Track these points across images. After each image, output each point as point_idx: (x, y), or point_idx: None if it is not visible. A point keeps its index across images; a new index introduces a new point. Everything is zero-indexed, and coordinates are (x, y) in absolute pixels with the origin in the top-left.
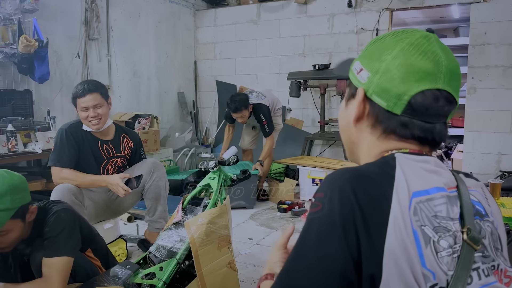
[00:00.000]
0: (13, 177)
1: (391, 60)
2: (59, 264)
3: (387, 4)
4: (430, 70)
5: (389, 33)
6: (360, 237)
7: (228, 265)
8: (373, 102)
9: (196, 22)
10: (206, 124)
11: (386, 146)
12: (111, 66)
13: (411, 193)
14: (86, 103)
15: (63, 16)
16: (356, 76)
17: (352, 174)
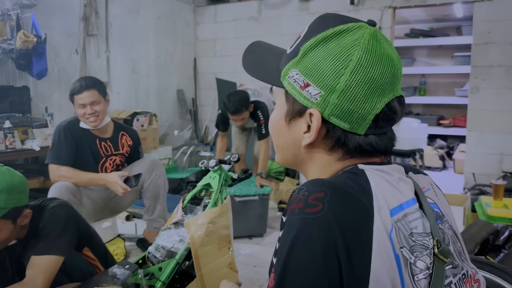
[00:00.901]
0: (13, 177)
1: (350, 75)
2: (46, 263)
3: (390, 2)
4: (389, 80)
5: (328, 34)
6: (342, 267)
7: (229, 265)
8: (330, 124)
9: (196, 19)
10: (206, 122)
11: (347, 164)
12: (110, 62)
13: (389, 211)
14: (83, 100)
15: (62, 11)
16: (301, 92)
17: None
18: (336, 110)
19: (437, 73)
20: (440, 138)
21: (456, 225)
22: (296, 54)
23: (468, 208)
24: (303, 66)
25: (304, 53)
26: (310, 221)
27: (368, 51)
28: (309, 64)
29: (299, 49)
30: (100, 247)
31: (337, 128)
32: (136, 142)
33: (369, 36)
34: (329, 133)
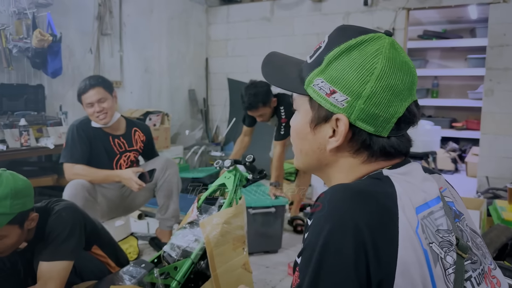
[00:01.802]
0: (17, 181)
1: (375, 82)
2: (57, 269)
3: (404, 3)
4: (409, 85)
5: (352, 44)
6: (370, 265)
7: (243, 266)
8: (356, 128)
9: (208, 19)
10: (217, 122)
11: (372, 168)
12: (123, 62)
13: (415, 209)
14: (90, 99)
15: (77, 11)
16: (327, 99)
17: (353, 193)
18: (362, 114)
19: (450, 75)
20: (452, 141)
21: (473, 223)
22: (320, 63)
23: (484, 212)
24: (329, 75)
25: (328, 62)
26: (336, 223)
27: (389, 59)
28: (334, 73)
29: (323, 58)
30: (109, 243)
31: (362, 131)
32: (149, 137)
33: (389, 46)
34: (354, 137)
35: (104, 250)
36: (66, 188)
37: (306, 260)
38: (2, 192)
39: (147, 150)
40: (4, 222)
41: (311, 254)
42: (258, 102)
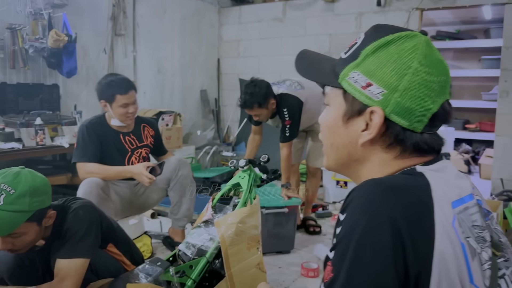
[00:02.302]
0: (35, 179)
1: (412, 76)
2: (74, 266)
3: (418, 3)
4: (443, 83)
5: (389, 39)
6: (407, 257)
7: (257, 266)
8: (390, 121)
9: (220, 20)
10: (228, 122)
11: (405, 164)
12: (137, 62)
13: (450, 203)
14: (129, 99)
15: (91, 11)
16: (362, 91)
17: (386, 187)
18: (397, 108)
19: (463, 76)
20: (465, 143)
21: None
22: (356, 57)
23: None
24: (365, 68)
25: (365, 56)
26: (371, 217)
27: (426, 56)
28: (371, 66)
29: (359, 52)
30: (125, 241)
31: (396, 125)
32: (157, 132)
33: (425, 43)
34: (388, 130)
35: (119, 248)
36: (80, 186)
37: (341, 254)
38: (21, 189)
39: (156, 145)
40: (23, 220)
41: (346, 248)
42: (253, 102)
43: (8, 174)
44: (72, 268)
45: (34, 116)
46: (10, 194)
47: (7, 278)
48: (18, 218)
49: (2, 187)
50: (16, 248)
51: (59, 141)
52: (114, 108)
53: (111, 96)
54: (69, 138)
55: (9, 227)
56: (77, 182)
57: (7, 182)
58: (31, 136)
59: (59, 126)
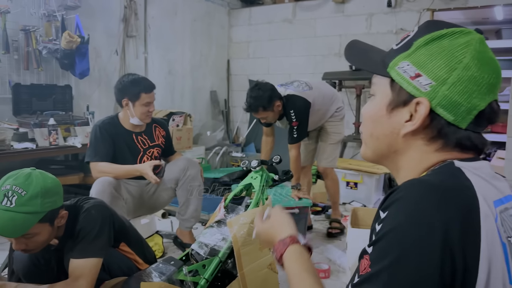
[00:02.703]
0: (46, 180)
1: (462, 70)
2: (88, 266)
3: (429, 4)
4: (494, 81)
5: (442, 33)
6: (456, 261)
7: (269, 266)
8: (435, 114)
9: (230, 21)
10: (237, 123)
11: (444, 157)
12: (148, 63)
13: (493, 202)
14: (151, 98)
15: (103, 13)
16: (410, 81)
17: (431, 188)
18: (444, 101)
19: None
20: None
21: None
22: (408, 48)
23: None
24: (416, 59)
25: (417, 47)
26: (416, 220)
27: (478, 52)
28: (422, 57)
29: (412, 43)
30: (137, 240)
31: (441, 119)
32: (168, 132)
33: (479, 41)
34: (432, 123)
35: (131, 247)
36: (93, 185)
37: (382, 252)
38: (32, 191)
39: (166, 146)
40: (35, 221)
41: (388, 248)
42: (258, 106)
43: (20, 176)
44: (86, 268)
45: (47, 117)
46: (22, 196)
47: (22, 276)
48: (31, 219)
49: (14, 189)
50: (30, 248)
51: (72, 141)
52: (136, 106)
53: (137, 94)
54: (81, 138)
55: (21, 229)
56: (90, 181)
57: (19, 184)
58: (44, 136)
59: (71, 127)
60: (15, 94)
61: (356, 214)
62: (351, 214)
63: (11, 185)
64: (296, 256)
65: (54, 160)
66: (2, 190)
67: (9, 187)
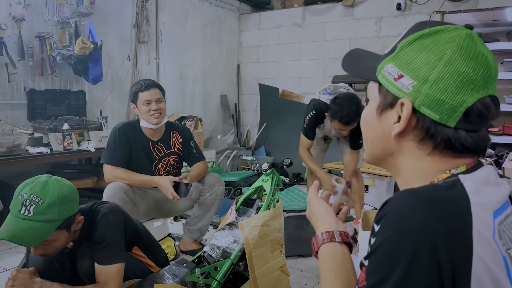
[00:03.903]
0: (62, 187)
1: (443, 67)
2: (115, 271)
3: (438, 6)
4: (483, 77)
5: (425, 32)
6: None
7: (281, 268)
8: (420, 114)
9: (240, 26)
10: (248, 127)
11: (441, 164)
12: (159, 69)
13: (492, 214)
14: (150, 96)
15: (116, 19)
16: (394, 83)
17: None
18: (427, 100)
19: None
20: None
21: None
22: (394, 51)
23: None
24: (399, 60)
25: (400, 48)
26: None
27: (463, 48)
28: (404, 58)
29: (397, 45)
30: (150, 244)
31: (426, 118)
32: (186, 137)
33: (465, 36)
34: (418, 123)
35: (144, 251)
36: (105, 190)
37: (374, 266)
38: (49, 200)
39: (185, 152)
40: (53, 228)
41: (379, 262)
42: (358, 117)
43: (36, 185)
44: (113, 273)
45: (62, 122)
46: (39, 205)
47: None
48: (48, 227)
49: (31, 198)
50: (47, 253)
51: (86, 146)
52: (139, 107)
53: (135, 95)
54: (95, 142)
55: (40, 237)
56: (103, 185)
57: (36, 193)
58: (58, 140)
59: (85, 131)
60: (30, 99)
61: (367, 217)
62: (363, 217)
63: (28, 194)
64: (329, 256)
65: (68, 164)
66: (19, 199)
67: (26, 196)
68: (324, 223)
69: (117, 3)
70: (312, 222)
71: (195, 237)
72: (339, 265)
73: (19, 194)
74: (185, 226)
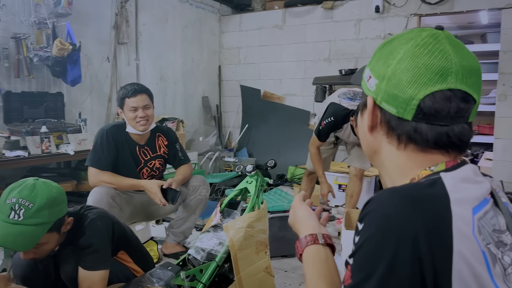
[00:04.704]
0: (51, 189)
1: (396, 64)
2: (99, 277)
3: (416, 9)
4: (438, 70)
5: (397, 35)
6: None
7: (265, 270)
8: (383, 109)
9: (221, 27)
10: (230, 129)
11: (418, 161)
12: (139, 70)
13: (471, 210)
14: (136, 103)
15: (94, 20)
16: (366, 84)
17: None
18: (385, 95)
19: None
20: None
21: None
22: None
23: None
24: (371, 64)
25: (374, 53)
26: (388, 232)
27: (418, 45)
28: (373, 61)
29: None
30: (136, 248)
31: (387, 113)
32: (172, 140)
33: (427, 35)
34: (382, 118)
35: (130, 255)
36: (90, 194)
37: (358, 264)
38: (39, 203)
39: (170, 155)
40: (44, 231)
41: (363, 260)
42: None
43: (24, 188)
44: (98, 279)
45: (39, 124)
46: (29, 209)
47: (21, 281)
48: (40, 230)
49: (20, 202)
50: (37, 256)
51: (65, 149)
52: (125, 113)
53: (122, 100)
54: (74, 145)
55: (32, 241)
56: (82, 189)
57: (25, 197)
58: (36, 144)
59: (64, 134)
60: (6, 102)
61: (349, 217)
62: (345, 216)
63: (17, 198)
64: (313, 258)
65: (46, 168)
66: (7, 204)
67: (15, 200)
68: (307, 227)
69: (95, 3)
70: (296, 227)
71: (179, 240)
72: (323, 267)
73: (6, 199)
74: (168, 229)
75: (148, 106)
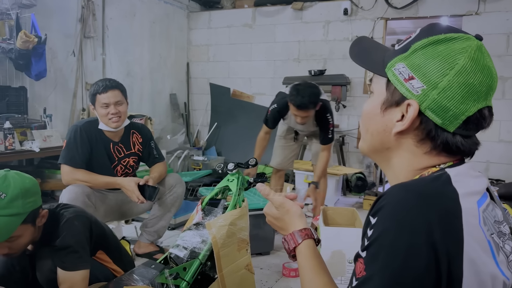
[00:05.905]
0: (24, 180)
1: (454, 77)
2: (80, 278)
3: (382, 13)
4: (486, 89)
5: (440, 38)
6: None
7: (246, 267)
8: (424, 116)
9: (189, 24)
10: (198, 127)
11: (433, 161)
12: (106, 65)
13: (476, 203)
14: (108, 99)
15: (60, 12)
16: (404, 83)
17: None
18: (433, 104)
19: None
20: None
21: None
22: (406, 50)
23: None
24: (411, 61)
25: (414, 50)
26: (403, 225)
27: (473, 60)
28: (417, 60)
29: (410, 46)
30: (115, 248)
31: (430, 121)
32: (147, 137)
33: (476, 47)
34: (421, 125)
35: (109, 255)
36: (64, 193)
37: (373, 256)
38: (12, 193)
39: (145, 153)
40: (19, 223)
41: (378, 252)
42: (311, 103)
43: None
44: (78, 280)
45: (2, 120)
46: (1, 199)
47: None
48: (14, 221)
49: None
50: (12, 251)
51: (29, 145)
52: (97, 110)
53: (93, 96)
54: (39, 142)
55: (6, 232)
56: (46, 187)
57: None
58: None
59: (28, 130)
60: None
61: (326, 214)
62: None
63: None
64: (311, 252)
65: (8, 165)
66: None
67: None
68: (300, 222)
69: None
70: (285, 221)
71: (152, 239)
72: (321, 260)
73: None
74: (142, 228)
75: (121, 102)
